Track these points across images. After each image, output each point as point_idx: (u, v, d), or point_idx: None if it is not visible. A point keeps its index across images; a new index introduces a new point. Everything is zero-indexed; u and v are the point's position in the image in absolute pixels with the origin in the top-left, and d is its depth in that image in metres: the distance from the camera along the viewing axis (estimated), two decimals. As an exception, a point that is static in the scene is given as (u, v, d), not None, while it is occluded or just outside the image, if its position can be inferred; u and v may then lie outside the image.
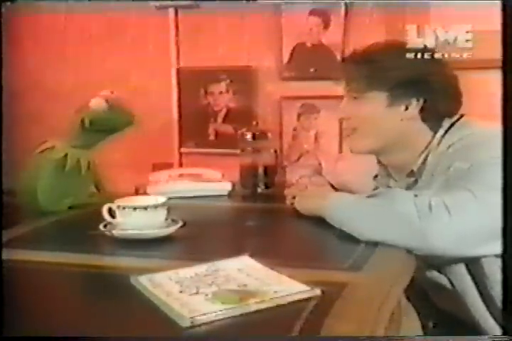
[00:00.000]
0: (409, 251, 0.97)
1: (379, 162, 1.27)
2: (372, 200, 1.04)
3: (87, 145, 1.30)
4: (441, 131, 1.15)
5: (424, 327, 1.07)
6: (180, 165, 2.36)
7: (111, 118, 1.27)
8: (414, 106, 1.15)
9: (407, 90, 1.14)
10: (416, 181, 1.16)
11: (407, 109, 1.15)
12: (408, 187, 1.15)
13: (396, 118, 1.16)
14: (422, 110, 1.15)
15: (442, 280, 1.15)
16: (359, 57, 1.21)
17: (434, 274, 1.16)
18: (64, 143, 1.29)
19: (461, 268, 1.10)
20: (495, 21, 0.94)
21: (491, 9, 1.05)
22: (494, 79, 1.00)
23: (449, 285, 1.14)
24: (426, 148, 1.15)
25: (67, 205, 1.28)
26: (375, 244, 0.98)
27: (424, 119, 1.16)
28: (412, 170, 1.17)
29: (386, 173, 1.26)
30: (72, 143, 1.28)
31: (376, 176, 1.29)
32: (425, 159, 1.15)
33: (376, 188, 1.25)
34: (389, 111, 1.16)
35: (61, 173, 1.27)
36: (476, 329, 1.10)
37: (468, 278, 1.09)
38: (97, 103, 1.26)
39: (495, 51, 0.91)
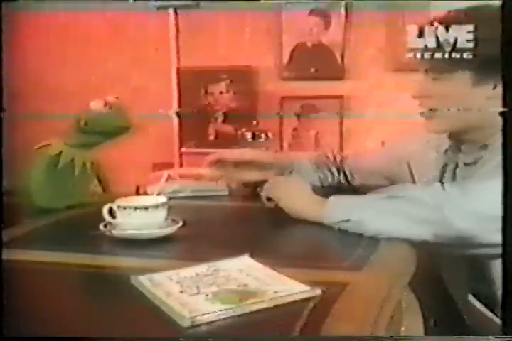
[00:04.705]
0: (410, 251, 0.97)
1: (450, 137, 1.21)
2: (378, 196, 1.05)
3: (83, 146, 1.30)
4: None
5: (425, 324, 1.07)
6: (181, 164, 2.37)
7: (107, 121, 1.28)
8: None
9: (496, 67, 1.03)
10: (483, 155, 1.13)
11: (495, 87, 1.08)
12: (475, 161, 1.13)
13: (482, 98, 1.09)
14: None
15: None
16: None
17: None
18: (60, 141, 1.30)
19: (463, 267, 1.10)
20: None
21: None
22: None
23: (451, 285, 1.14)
24: None
25: (64, 204, 1.29)
26: (376, 244, 0.98)
27: None
28: (485, 144, 1.12)
29: (456, 148, 1.21)
30: (68, 141, 1.29)
31: (446, 151, 1.23)
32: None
33: (445, 164, 1.21)
34: (475, 91, 1.09)
35: (53, 170, 1.28)
36: (476, 329, 1.10)
37: (470, 278, 1.09)
38: (96, 105, 1.28)
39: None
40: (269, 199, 1.20)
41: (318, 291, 0.75)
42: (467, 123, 1.13)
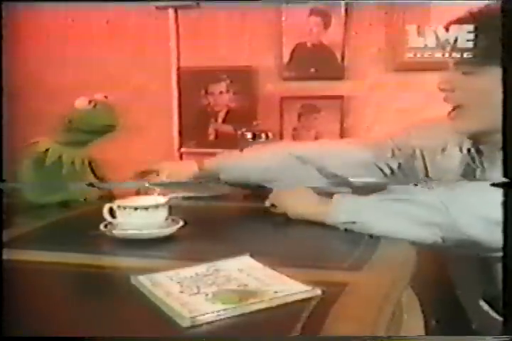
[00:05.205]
0: (410, 251, 0.97)
1: (470, 137, 1.17)
2: (383, 197, 1.04)
3: (71, 144, 1.30)
4: None
5: (426, 324, 1.06)
6: (181, 165, 2.36)
7: (90, 119, 1.28)
8: None
9: None
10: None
11: None
12: (493, 163, 1.10)
13: None
14: None
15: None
16: (476, 22, 1.06)
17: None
18: (48, 138, 1.31)
19: (471, 269, 1.09)
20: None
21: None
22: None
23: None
24: None
25: (54, 200, 1.29)
26: (376, 244, 0.98)
27: None
28: None
29: (478, 148, 1.17)
30: (56, 139, 1.30)
31: (469, 150, 1.18)
32: None
33: (468, 164, 1.17)
34: None
35: (41, 167, 1.28)
36: (476, 328, 1.10)
37: (478, 280, 1.09)
38: (80, 103, 1.28)
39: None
40: (273, 205, 1.21)
41: (318, 291, 0.75)
42: (491, 122, 1.08)
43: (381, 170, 1.28)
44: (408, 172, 1.27)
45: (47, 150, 1.30)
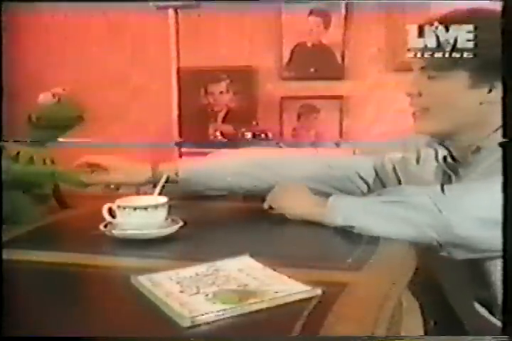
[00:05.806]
0: (409, 251, 0.97)
1: (442, 142, 1.18)
2: (378, 199, 1.05)
3: (39, 142, 1.28)
4: None
5: (425, 324, 1.07)
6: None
7: (58, 112, 1.25)
8: (500, 88, 1.01)
9: (494, 70, 1.00)
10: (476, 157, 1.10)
11: (490, 91, 1.06)
12: (467, 168, 1.11)
13: (476, 101, 1.07)
14: None
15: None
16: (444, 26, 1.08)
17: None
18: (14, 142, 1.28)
19: (465, 271, 1.09)
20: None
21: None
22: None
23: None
24: (497, 130, 1.06)
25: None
26: (376, 244, 0.98)
27: None
28: (478, 147, 1.09)
29: (450, 153, 1.18)
30: (23, 140, 1.27)
31: (445, 158, 1.18)
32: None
33: (445, 172, 1.17)
34: (470, 93, 1.07)
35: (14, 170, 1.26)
36: (475, 329, 1.10)
37: (472, 281, 1.09)
38: (44, 98, 1.25)
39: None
40: (271, 207, 1.21)
41: (318, 291, 0.75)
42: (457, 125, 1.11)
43: (355, 185, 1.29)
44: (381, 186, 1.27)
45: (17, 153, 1.26)
